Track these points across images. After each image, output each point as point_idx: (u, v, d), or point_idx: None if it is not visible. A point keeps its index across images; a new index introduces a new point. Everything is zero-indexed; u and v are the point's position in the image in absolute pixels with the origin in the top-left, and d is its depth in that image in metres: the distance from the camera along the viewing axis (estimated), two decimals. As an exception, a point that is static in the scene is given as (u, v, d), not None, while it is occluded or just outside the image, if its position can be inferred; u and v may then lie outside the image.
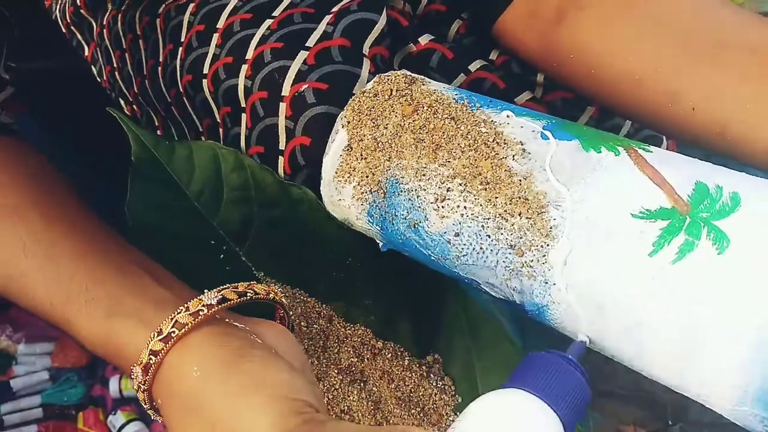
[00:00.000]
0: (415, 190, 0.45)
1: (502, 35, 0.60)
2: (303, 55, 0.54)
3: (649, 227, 0.36)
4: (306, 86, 0.53)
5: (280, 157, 0.56)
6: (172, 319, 0.41)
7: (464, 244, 0.44)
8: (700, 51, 0.48)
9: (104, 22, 0.78)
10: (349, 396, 0.53)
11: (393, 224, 0.47)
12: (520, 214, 0.41)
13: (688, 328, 0.35)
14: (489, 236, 0.42)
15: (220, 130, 0.62)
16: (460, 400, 0.54)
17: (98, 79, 0.83)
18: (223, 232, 0.56)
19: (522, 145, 0.43)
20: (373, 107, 0.49)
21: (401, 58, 0.62)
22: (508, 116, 0.45)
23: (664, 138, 0.61)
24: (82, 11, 0.81)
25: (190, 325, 0.41)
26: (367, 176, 0.48)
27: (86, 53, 0.83)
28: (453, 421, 0.53)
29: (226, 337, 0.41)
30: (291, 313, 0.56)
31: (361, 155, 0.48)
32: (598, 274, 0.38)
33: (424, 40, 0.61)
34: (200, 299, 0.42)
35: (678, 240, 0.35)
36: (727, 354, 0.34)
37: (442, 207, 0.44)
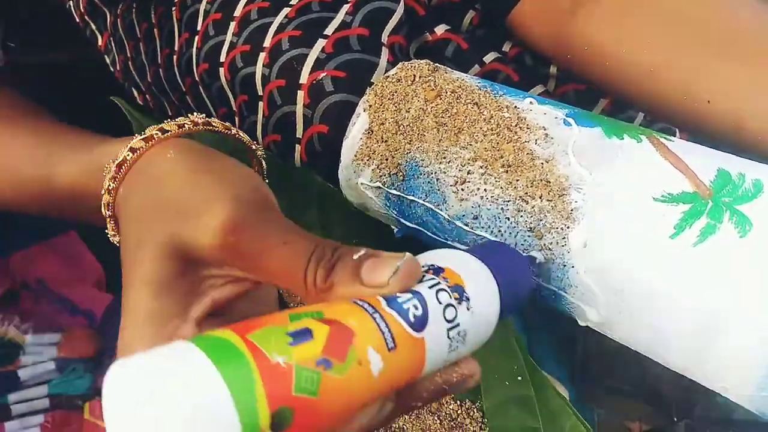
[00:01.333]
0: (435, 172, 0.46)
1: (516, 27, 0.61)
2: (321, 43, 0.55)
3: (670, 210, 0.36)
4: (324, 74, 0.53)
5: (297, 145, 0.56)
6: (157, 128, 0.42)
7: (482, 228, 0.44)
8: (715, 43, 0.49)
9: (118, 12, 0.78)
10: None
11: (411, 207, 0.48)
12: (541, 197, 0.41)
13: (708, 311, 0.35)
14: (508, 219, 0.42)
15: (236, 118, 0.62)
16: None
17: (111, 69, 0.83)
18: None
19: (545, 130, 0.43)
20: (396, 91, 0.50)
21: (416, 48, 0.62)
22: (531, 103, 0.46)
23: (677, 131, 0.61)
24: (96, 1, 0.81)
25: (173, 131, 0.42)
26: (386, 159, 0.48)
27: (100, 43, 0.83)
28: (451, 408, 0.53)
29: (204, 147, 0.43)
30: (290, 300, 0.56)
31: (382, 138, 0.49)
32: (617, 257, 0.38)
33: (440, 30, 0.61)
34: (182, 118, 0.44)
35: (700, 223, 0.35)
36: (748, 338, 0.34)
37: (462, 190, 0.44)
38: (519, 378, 0.51)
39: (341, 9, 0.57)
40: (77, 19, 0.85)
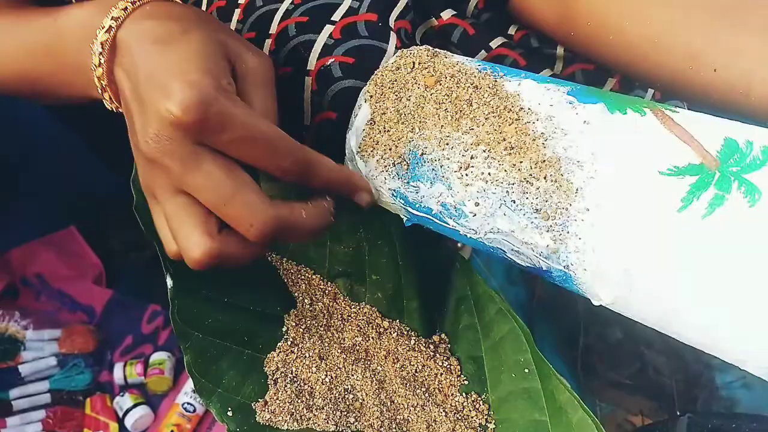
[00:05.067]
0: (439, 159, 0.45)
1: (520, 7, 0.60)
2: (329, 29, 0.54)
3: (677, 184, 0.36)
4: (332, 60, 0.53)
5: (304, 132, 0.56)
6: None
7: (489, 212, 0.43)
8: (719, 11, 0.48)
9: None
10: (352, 375, 0.53)
11: (417, 196, 0.47)
12: (545, 178, 0.41)
13: (721, 284, 0.34)
14: (514, 201, 0.42)
15: None
16: (466, 381, 0.54)
17: None
18: None
19: (546, 109, 0.43)
20: (396, 80, 0.49)
21: (423, 33, 0.61)
22: (531, 82, 0.45)
23: (685, 105, 0.61)
24: None
25: None
26: (390, 149, 0.48)
27: None
28: (457, 400, 0.53)
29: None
30: (295, 290, 0.56)
31: (384, 128, 0.49)
32: (626, 234, 0.38)
33: (447, 15, 0.61)
34: None
35: (708, 195, 0.35)
36: (764, 308, 0.33)
37: (466, 175, 0.44)
38: (526, 371, 0.51)
39: None
40: None
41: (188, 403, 0.93)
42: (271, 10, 0.58)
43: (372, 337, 0.55)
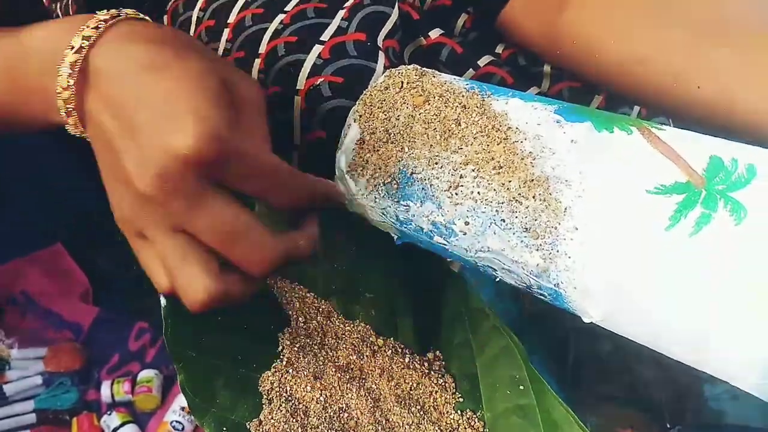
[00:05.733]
0: (428, 179, 0.46)
1: (507, 26, 0.61)
2: (318, 48, 0.55)
3: (664, 202, 0.36)
4: (321, 80, 0.53)
5: (294, 151, 0.56)
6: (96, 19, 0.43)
7: (479, 230, 0.44)
8: (702, 30, 0.49)
9: None
10: (347, 394, 0.53)
11: (407, 215, 0.48)
12: (534, 197, 0.41)
13: (708, 302, 0.35)
14: (504, 220, 0.42)
15: None
16: (460, 398, 0.54)
17: None
18: None
19: (534, 128, 0.43)
20: (385, 100, 0.50)
21: (411, 52, 0.62)
22: (518, 101, 0.46)
23: (671, 121, 0.62)
24: (84, 11, 0.81)
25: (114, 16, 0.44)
26: (380, 168, 0.48)
27: None
28: (453, 418, 0.53)
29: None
30: (289, 308, 0.56)
31: (374, 147, 0.49)
32: (614, 253, 0.38)
33: (435, 34, 0.62)
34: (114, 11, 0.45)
35: (694, 213, 0.35)
36: (750, 326, 0.34)
37: (456, 194, 0.44)
38: (521, 387, 0.51)
39: (337, 15, 0.57)
40: None
41: (177, 421, 0.92)
42: (260, 29, 0.58)
43: (366, 355, 0.55)
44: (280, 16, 0.58)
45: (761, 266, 0.33)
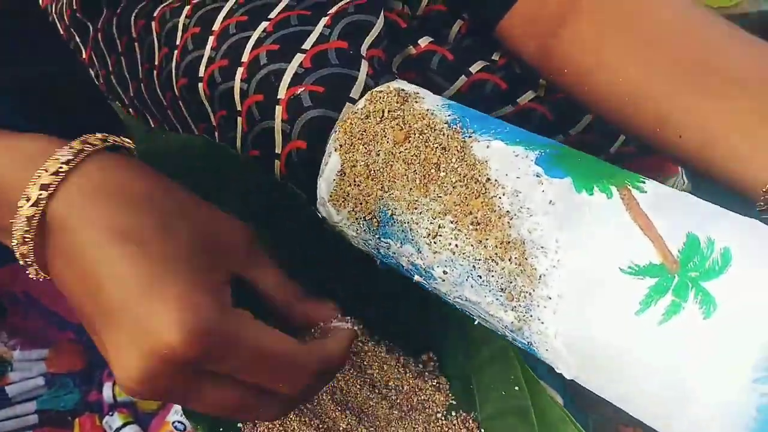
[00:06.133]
0: (408, 222, 0.45)
1: (504, 39, 0.60)
2: (299, 57, 0.53)
3: (637, 285, 0.36)
4: (302, 89, 0.52)
5: (276, 160, 0.56)
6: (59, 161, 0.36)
7: (456, 281, 0.44)
8: (687, 77, 0.48)
9: (99, 26, 0.77)
10: (343, 391, 0.53)
11: (388, 251, 0.47)
12: (510, 259, 0.41)
13: (673, 386, 0.35)
14: (480, 276, 0.42)
15: (216, 133, 0.61)
16: (454, 400, 0.54)
17: (96, 82, 0.82)
18: None
19: (513, 182, 0.42)
20: (365, 130, 0.49)
21: (401, 60, 0.61)
22: (500, 144, 0.44)
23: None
24: (78, 15, 0.80)
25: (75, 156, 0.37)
26: (360, 203, 0.48)
27: (84, 56, 0.82)
28: (447, 419, 0.52)
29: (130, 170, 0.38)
30: None
31: (354, 181, 0.48)
32: (586, 326, 0.38)
33: (424, 42, 0.60)
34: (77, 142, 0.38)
35: (665, 301, 0.35)
36: (710, 420, 0.34)
37: (434, 243, 0.44)
38: (516, 388, 0.51)
39: (320, 22, 0.56)
40: (62, 32, 0.84)
41: (179, 422, 0.93)
42: (243, 37, 0.57)
43: (361, 356, 0.55)
44: (264, 24, 0.57)
45: (725, 362, 0.33)
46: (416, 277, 0.47)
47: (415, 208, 0.45)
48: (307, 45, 0.54)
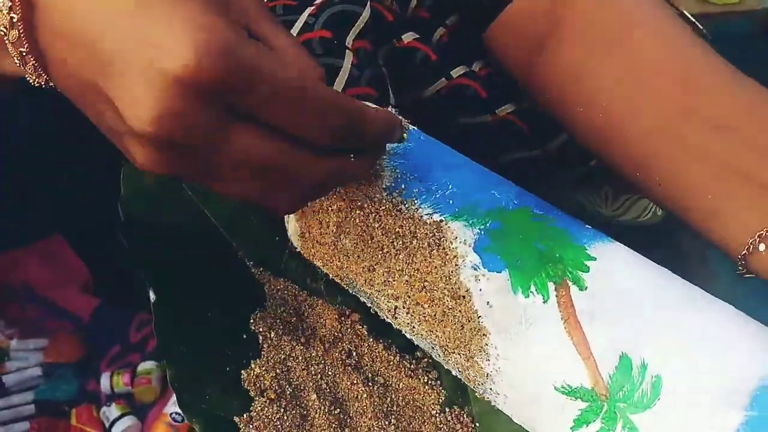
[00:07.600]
0: (369, 295, 0.46)
1: (491, 45, 0.58)
2: None
3: (570, 404, 0.36)
4: None
5: None
6: None
7: (422, 349, 0.47)
8: (670, 121, 0.44)
9: None
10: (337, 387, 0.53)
11: (364, 299, 0.48)
12: (460, 354, 0.41)
13: None
14: (439, 356, 0.44)
15: None
16: (447, 395, 0.54)
17: None
18: (217, 224, 0.55)
19: (455, 276, 0.41)
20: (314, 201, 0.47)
21: (386, 52, 0.60)
22: (444, 219, 0.42)
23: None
24: None
25: None
26: (326, 265, 0.48)
27: None
28: (441, 415, 0.53)
29: None
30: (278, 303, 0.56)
31: (315, 247, 0.48)
32: (531, 425, 0.40)
33: (408, 38, 0.59)
34: None
35: (594, 426, 0.35)
36: None
37: (395, 318, 0.45)
38: None
39: (304, 12, 0.55)
40: None
41: (177, 413, 0.94)
42: None
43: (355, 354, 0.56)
44: None
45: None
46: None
47: (372, 286, 0.45)
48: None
